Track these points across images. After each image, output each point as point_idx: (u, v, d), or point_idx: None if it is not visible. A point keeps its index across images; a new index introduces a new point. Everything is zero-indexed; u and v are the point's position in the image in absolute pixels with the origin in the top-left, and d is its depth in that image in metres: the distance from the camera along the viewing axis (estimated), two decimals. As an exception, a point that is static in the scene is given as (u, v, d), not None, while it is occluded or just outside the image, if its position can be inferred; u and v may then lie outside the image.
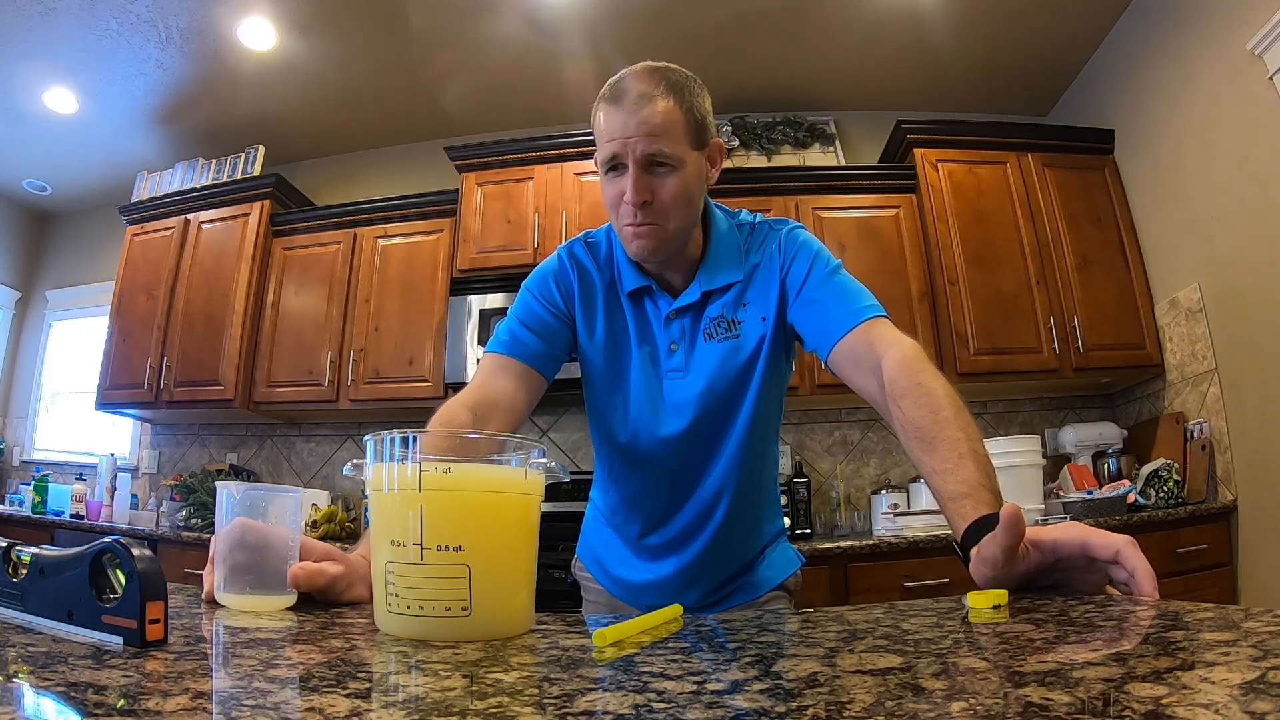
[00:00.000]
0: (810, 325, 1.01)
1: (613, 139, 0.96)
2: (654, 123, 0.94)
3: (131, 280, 3.60)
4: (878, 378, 0.89)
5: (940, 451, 0.78)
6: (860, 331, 0.95)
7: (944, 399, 0.82)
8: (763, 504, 1.16)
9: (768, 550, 1.17)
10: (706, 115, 1.00)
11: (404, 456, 0.57)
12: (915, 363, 0.87)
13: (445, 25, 3.07)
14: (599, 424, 1.13)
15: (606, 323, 1.09)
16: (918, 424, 0.82)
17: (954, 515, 0.74)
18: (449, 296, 3.08)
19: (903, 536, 2.38)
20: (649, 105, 0.94)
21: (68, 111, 3.49)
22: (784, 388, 1.13)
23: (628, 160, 0.95)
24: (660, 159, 0.95)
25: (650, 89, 0.95)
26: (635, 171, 0.95)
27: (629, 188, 0.96)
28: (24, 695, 0.35)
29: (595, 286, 1.10)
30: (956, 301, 2.86)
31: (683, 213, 0.99)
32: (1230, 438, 2.49)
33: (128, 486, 3.40)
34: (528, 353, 1.06)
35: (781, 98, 3.48)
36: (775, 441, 1.17)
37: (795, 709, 0.33)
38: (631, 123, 0.94)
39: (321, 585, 0.67)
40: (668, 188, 0.97)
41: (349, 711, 0.33)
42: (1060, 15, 2.98)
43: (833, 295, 1.00)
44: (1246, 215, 2.41)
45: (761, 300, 1.05)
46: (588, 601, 1.24)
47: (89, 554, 0.47)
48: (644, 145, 0.94)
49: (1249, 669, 0.33)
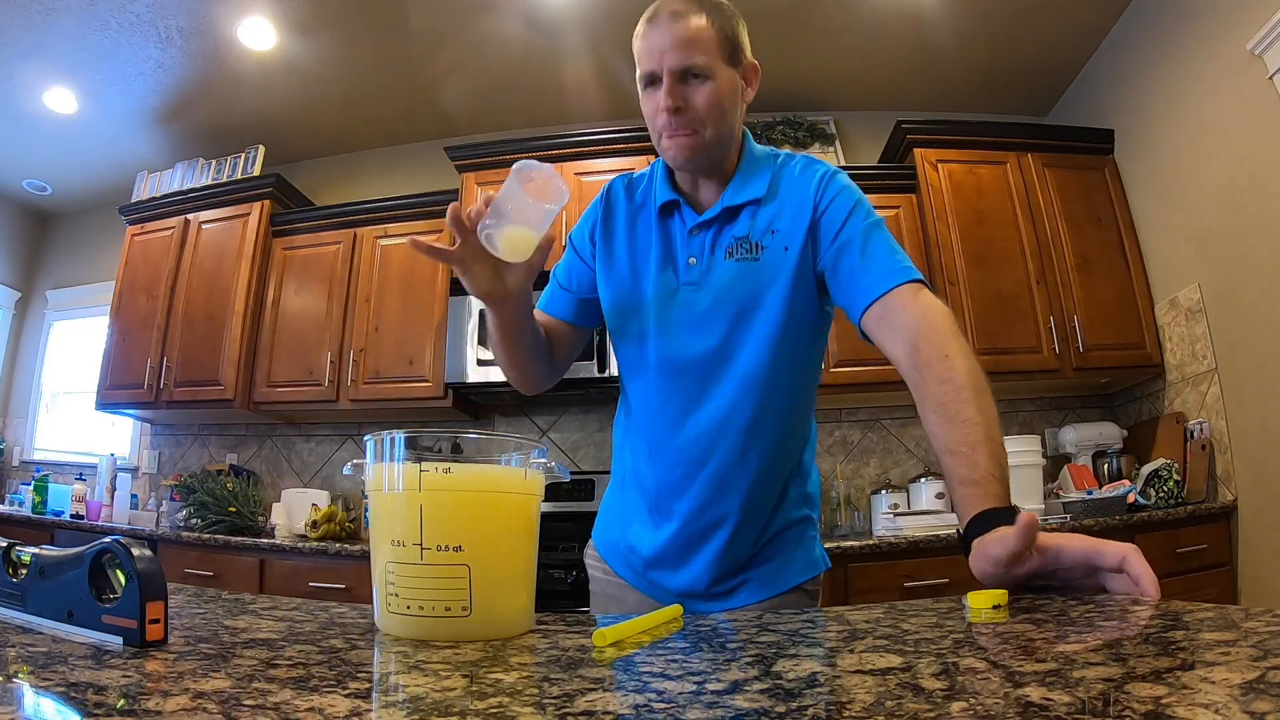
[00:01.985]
0: (844, 280, 0.98)
1: (649, 54, 1.00)
2: (685, 36, 0.98)
3: (131, 280, 3.60)
4: (905, 343, 0.88)
5: (956, 431, 0.78)
6: (896, 294, 0.92)
7: (966, 377, 0.81)
8: (785, 460, 1.08)
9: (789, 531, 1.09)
10: (740, 36, 1.04)
11: (404, 458, 0.57)
12: (945, 334, 0.86)
13: (445, 25, 3.07)
14: (620, 349, 1.14)
15: (630, 240, 1.12)
16: (939, 399, 0.82)
17: (961, 501, 0.75)
18: (449, 296, 3.08)
19: (903, 536, 2.38)
20: (681, 21, 0.98)
21: (68, 111, 3.49)
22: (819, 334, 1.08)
23: (661, 73, 0.99)
24: (694, 70, 0.98)
25: (684, 7, 0.99)
26: (669, 81, 0.98)
27: (662, 94, 0.99)
28: (24, 695, 0.35)
29: (622, 210, 1.14)
30: (956, 301, 2.86)
31: (717, 121, 1.01)
32: (1230, 438, 2.49)
33: (128, 486, 3.39)
34: (563, 308, 1.16)
35: (781, 98, 3.48)
36: (809, 398, 1.11)
37: (795, 709, 0.33)
38: (666, 39, 0.98)
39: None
40: (701, 95, 0.99)
41: (349, 711, 0.33)
42: (1060, 15, 2.98)
43: (872, 251, 0.97)
44: (1246, 215, 2.41)
45: (790, 231, 1.03)
46: (594, 594, 1.20)
47: (89, 554, 0.47)
48: (675, 57, 0.98)
49: (1249, 669, 0.33)
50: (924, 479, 2.86)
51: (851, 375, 2.80)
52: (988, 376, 0.83)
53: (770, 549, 1.08)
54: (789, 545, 1.09)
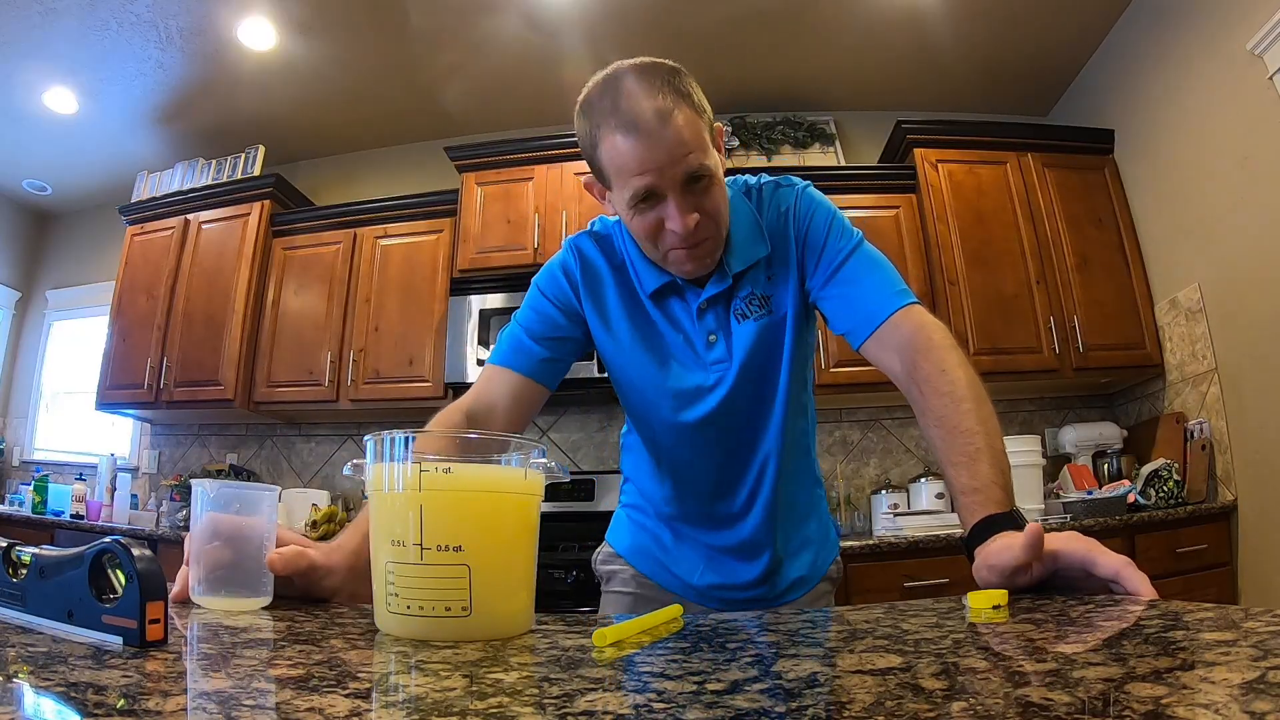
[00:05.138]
0: (839, 309, 0.97)
1: (645, 172, 0.87)
2: (682, 140, 0.86)
3: (131, 280, 3.60)
4: (904, 363, 0.89)
5: (958, 443, 0.78)
6: (891, 319, 0.92)
7: (965, 388, 0.81)
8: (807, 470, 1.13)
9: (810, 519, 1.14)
10: (708, 107, 0.94)
11: (404, 458, 0.57)
12: (942, 347, 0.86)
13: (445, 25, 3.07)
14: (640, 416, 1.10)
15: (631, 320, 1.04)
16: (939, 412, 0.82)
17: (964, 509, 0.75)
18: (449, 296, 3.08)
19: (903, 536, 2.38)
20: (670, 125, 0.85)
21: (68, 111, 3.49)
22: (812, 346, 1.11)
23: (666, 190, 0.88)
24: (698, 174, 0.89)
25: (662, 103, 0.86)
26: (679, 199, 0.88)
27: (673, 217, 0.89)
28: (24, 695, 0.35)
29: (605, 281, 1.05)
30: (956, 301, 2.86)
31: (725, 215, 0.95)
32: (1230, 438, 2.49)
33: (128, 486, 3.39)
34: (529, 363, 1.03)
35: (781, 98, 3.48)
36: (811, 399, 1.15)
37: (795, 709, 0.33)
38: (660, 151, 0.86)
39: (302, 568, 0.66)
40: (711, 199, 0.91)
41: (349, 711, 0.33)
42: (1060, 15, 2.98)
43: (861, 278, 0.96)
44: (1246, 215, 2.41)
45: (782, 268, 1.02)
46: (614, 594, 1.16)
47: (89, 554, 0.47)
48: (681, 169, 0.87)
49: (1249, 669, 0.33)
50: (924, 479, 2.86)
51: (851, 375, 2.80)
52: (986, 386, 0.83)
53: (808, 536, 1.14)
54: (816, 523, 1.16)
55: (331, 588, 0.69)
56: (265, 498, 0.68)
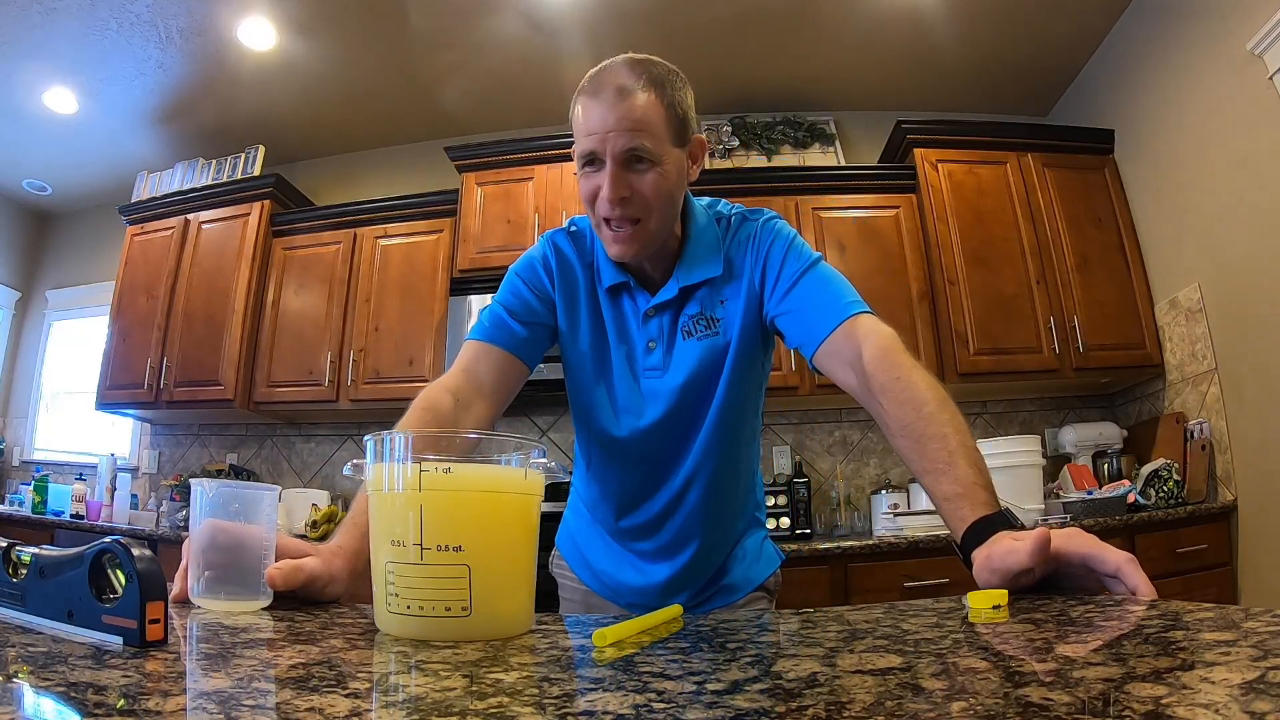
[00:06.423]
0: (792, 324, 0.98)
1: (590, 134, 0.92)
2: (634, 117, 0.90)
3: (131, 280, 3.60)
4: (857, 372, 0.88)
5: (929, 450, 0.77)
6: (840, 330, 0.92)
7: (926, 392, 0.80)
8: (739, 496, 1.13)
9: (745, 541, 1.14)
10: (689, 111, 0.97)
11: (404, 458, 0.57)
12: (893, 354, 0.85)
13: (445, 25, 3.07)
14: (580, 416, 1.11)
15: (589, 317, 1.07)
16: (903, 421, 0.80)
17: (950, 516, 0.74)
18: (449, 296, 3.08)
19: (903, 536, 2.38)
20: (628, 99, 0.90)
21: (68, 111, 3.49)
22: (761, 379, 1.11)
23: (605, 156, 0.92)
24: (640, 155, 0.91)
25: (630, 82, 0.91)
26: (613, 168, 0.91)
27: (605, 184, 0.92)
28: (24, 695, 0.35)
29: (577, 277, 1.07)
30: (956, 302, 2.86)
31: (662, 211, 0.96)
32: (1230, 438, 2.49)
33: (128, 486, 3.39)
34: (512, 340, 1.03)
35: (781, 98, 3.48)
36: (755, 436, 1.15)
37: (795, 709, 0.33)
38: (610, 117, 0.90)
39: (300, 583, 0.66)
40: (646, 184, 0.93)
41: (349, 711, 0.33)
42: (1060, 15, 2.98)
43: (813, 293, 0.97)
44: (1246, 215, 2.41)
45: (735, 296, 1.03)
46: (564, 600, 1.21)
47: (89, 554, 0.47)
48: (623, 141, 0.90)
49: (1249, 669, 0.33)
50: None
51: (851, 375, 2.80)
52: (945, 386, 0.82)
53: (728, 562, 1.13)
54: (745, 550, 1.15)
55: (334, 595, 0.69)
56: (265, 498, 0.67)
